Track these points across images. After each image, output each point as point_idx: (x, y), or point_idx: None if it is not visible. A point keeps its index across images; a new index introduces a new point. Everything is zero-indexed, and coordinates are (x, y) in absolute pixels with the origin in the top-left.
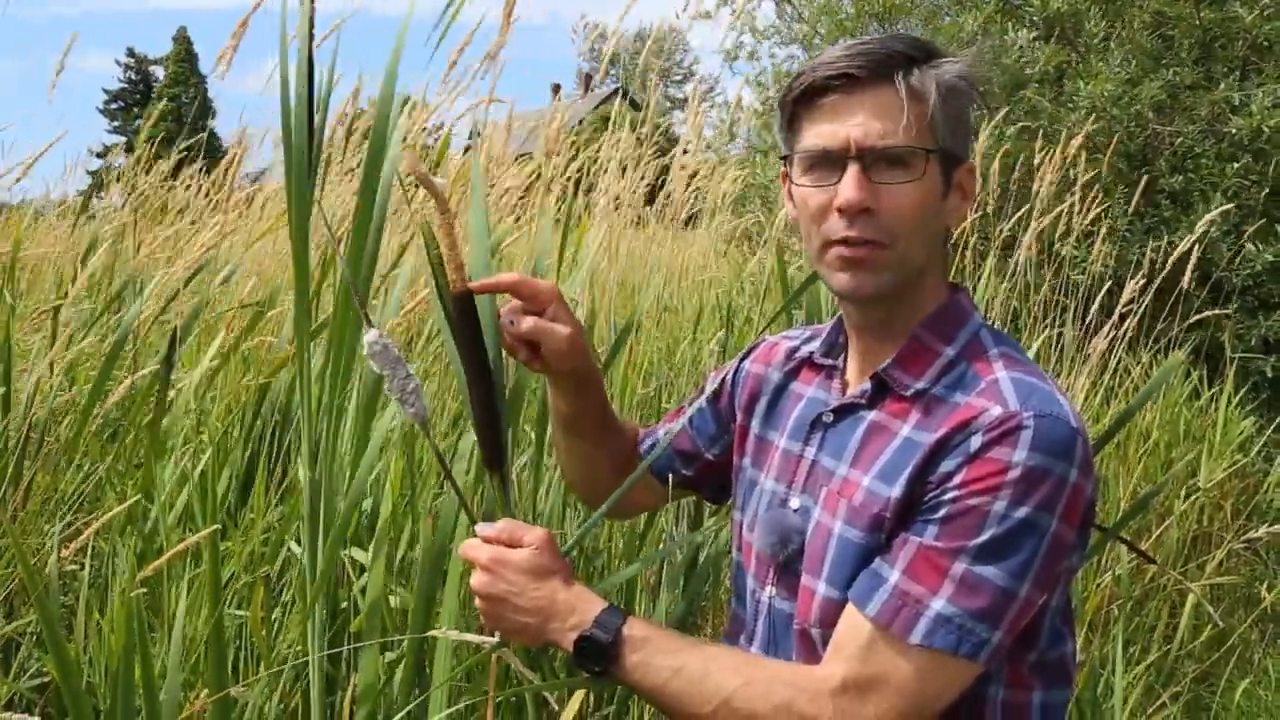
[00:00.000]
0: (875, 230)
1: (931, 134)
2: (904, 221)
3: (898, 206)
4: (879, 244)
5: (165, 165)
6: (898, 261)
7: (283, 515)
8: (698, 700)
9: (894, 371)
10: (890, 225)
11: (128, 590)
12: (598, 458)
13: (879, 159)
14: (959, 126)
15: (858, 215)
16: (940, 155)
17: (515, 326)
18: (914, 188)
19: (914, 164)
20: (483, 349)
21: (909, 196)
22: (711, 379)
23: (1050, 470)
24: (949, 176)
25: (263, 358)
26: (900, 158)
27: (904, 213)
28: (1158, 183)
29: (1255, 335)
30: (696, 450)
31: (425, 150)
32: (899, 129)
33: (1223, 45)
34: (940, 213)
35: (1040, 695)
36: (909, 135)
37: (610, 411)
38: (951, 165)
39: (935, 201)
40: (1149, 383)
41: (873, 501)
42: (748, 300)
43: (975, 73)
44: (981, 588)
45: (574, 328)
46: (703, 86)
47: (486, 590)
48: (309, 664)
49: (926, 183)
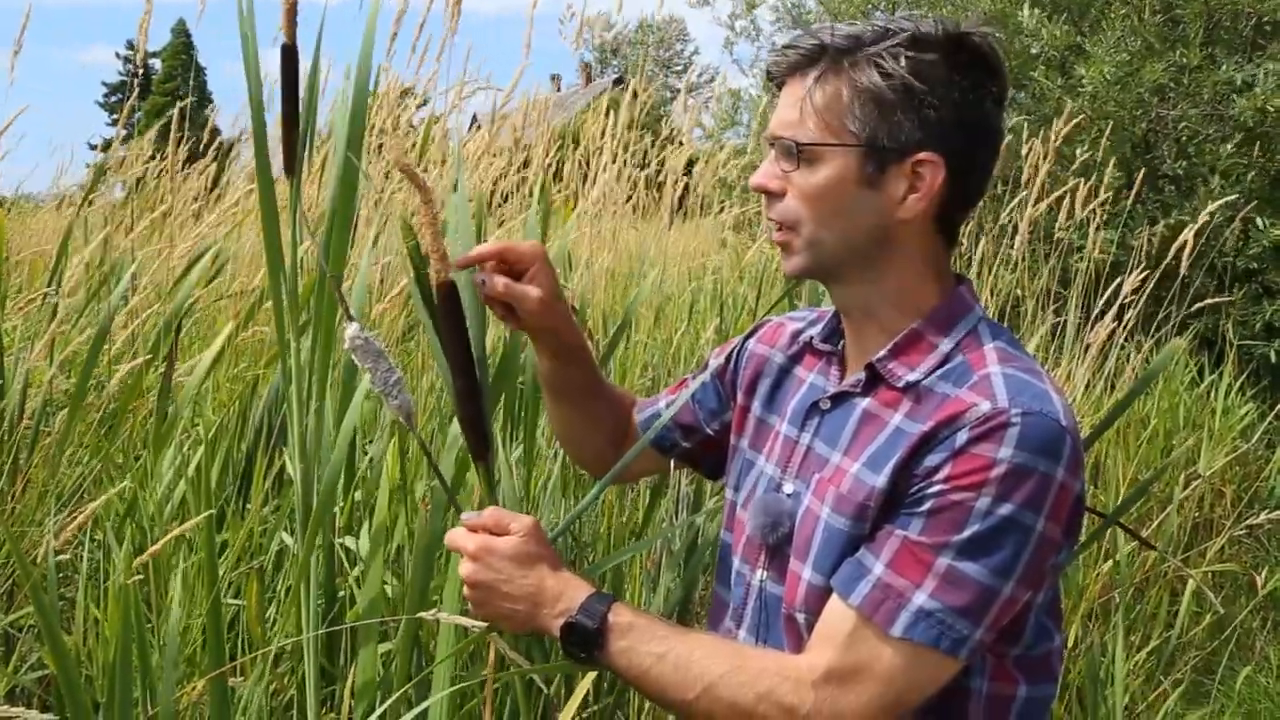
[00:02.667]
0: (780, 214)
1: (843, 127)
2: (800, 209)
3: (795, 194)
4: (787, 227)
5: (165, 154)
6: (805, 246)
7: (277, 508)
8: (682, 686)
9: (888, 363)
10: (792, 210)
11: (122, 580)
12: (587, 424)
13: (779, 148)
14: (900, 119)
15: (768, 199)
16: (863, 149)
17: (487, 287)
18: (809, 177)
19: (805, 155)
20: (466, 341)
21: (801, 186)
22: (714, 355)
23: (1036, 468)
24: (878, 168)
25: (255, 348)
26: (788, 149)
27: (800, 200)
28: (1160, 168)
29: (1259, 321)
30: (697, 424)
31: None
32: (799, 120)
33: (1227, 26)
34: (864, 205)
35: (1025, 690)
36: (810, 127)
37: (599, 378)
38: (886, 158)
39: (848, 192)
40: (1148, 368)
41: (858, 490)
42: (745, 289)
43: (924, 68)
44: (963, 584)
45: (548, 290)
46: (694, 74)
47: (474, 578)
48: (304, 647)
49: (827, 173)
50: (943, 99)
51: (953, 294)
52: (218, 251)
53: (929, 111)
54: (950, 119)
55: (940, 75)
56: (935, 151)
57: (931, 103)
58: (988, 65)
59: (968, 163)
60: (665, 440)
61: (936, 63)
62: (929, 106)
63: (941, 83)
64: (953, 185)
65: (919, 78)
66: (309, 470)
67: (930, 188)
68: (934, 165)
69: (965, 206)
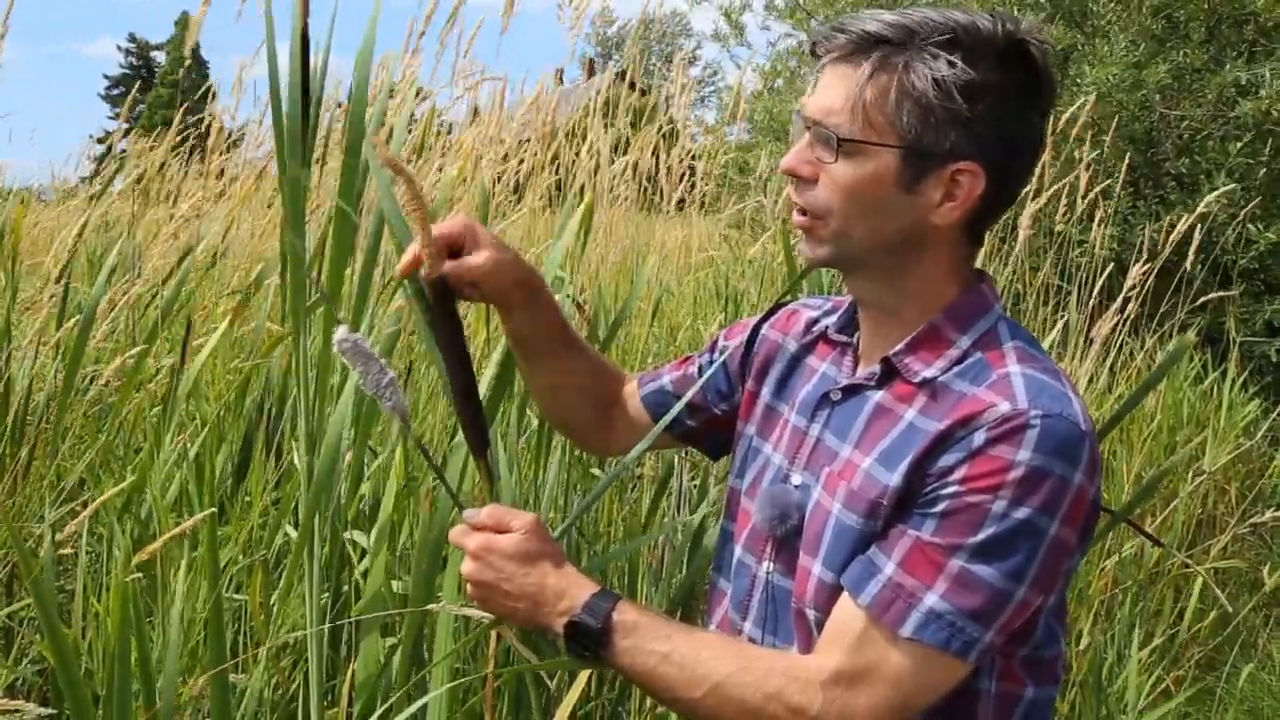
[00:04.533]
0: (809, 200)
1: (888, 127)
2: (832, 200)
3: (828, 184)
4: (814, 214)
5: (164, 146)
6: (832, 237)
7: (278, 500)
8: (688, 685)
9: (905, 358)
10: (822, 199)
11: (123, 574)
12: (566, 379)
13: (816, 135)
14: (946, 127)
15: (797, 182)
16: (905, 152)
17: (439, 277)
18: (846, 171)
19: (844, 148)
20: (462, 338)
21: (837, 178)
22: (725, 334)
23: (1053, 471)
24: (918, 173)
25: (252, 339)
26: (826, 138)
27: (832, 192)
28: (1164, 166)
29: (1260, 319)
30: (704, 403)
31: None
32: (844, 110)
33: (1231, 27)
34: (898, 206)
35: (1031, 691)
36: (855, 121)
37: (571, 331)
38: (927, 164)
39: (883, 192)
40: (1156, 366)
41: (871, 486)
42: (747, 284)
43: (977, 77)
44: (976, 586)
45: (490, 251)
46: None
47: (476, 577)
48: (308, 641)
49: (864, 170)
50: (991, 110)
51: (972, 290)
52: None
53: (976, 122)
54: (996, 131)
55: (992, 86)
56: (976, 161)
57: (980, 113)
58: (1040, 77)
59: (1006, 173)
60: (670, 417)
61: (989, 72)
62: (977, 117)
63: (992, 94)
64: (988, 194)
65: (970, 87)
66: (312, 462)
67: (968, 196)
68: (973, 175)
69: (997, 213)
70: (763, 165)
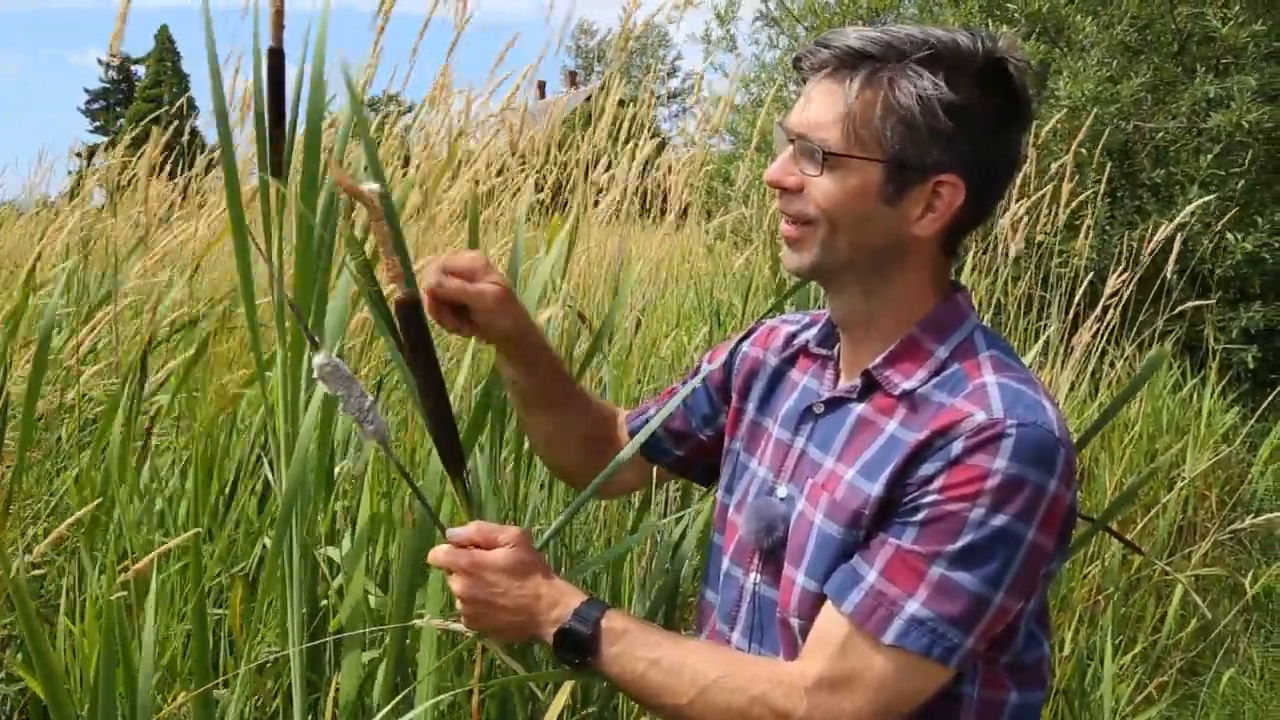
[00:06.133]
0: (796, 211)
1: (873, 141)
2: (816, 212)
3: (813, 194)
4: (805, 221)
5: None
6: (821, 243)
7: (258, 523)
8: (675, 691)
9: (885, 370)
10: (809, 210)
11: (104, 596)
12: (563, 432)
13: (801, 148)
14: (929, 142)
15: (783, 192)
16: (888, 166)
17: (441, 287)
18: (830, 184)
19: (829, 162)
20: (434, 359)
21: (822, 191)
22: (706, 358)
23: (1029, 479)
24: (901, 186)
25: (230, 358)
26: (811, 151)
27: (816, 204)
28: (1139, 176)
29: (1236, 327)
30: (690, 430)
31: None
32: (830, 125)
33: (1200, 44)
34: (881, 218)
35: (1015, 696)
36: (839, 135)
37: (570, 382)
38: (909, 178)
39: (867, 205)
40: (1134, 377)
41: (853, 497)
42: (730, 296)
43: (960, 93)
44: (956, 593)
45: (502, 287)
46: (662, 72)
47: (469, 594)
48: (289, 658)
49: (849, 183)
50: (972, 125)
51: (950, 301)
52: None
53: (958, 138)
54: (976, 145)
55: (974, 102)
56: (957, 174)
57: (961, 130)
58: (1019, 94)
59: (985, 187)
60: (656, 448)
61: (972, 88)
62: (959, 132)
63: (974, 110)
64: (966, 207)
65: (954, 104)
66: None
67: (947, 209)
68: (954, 187)
69: (975, 225)
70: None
